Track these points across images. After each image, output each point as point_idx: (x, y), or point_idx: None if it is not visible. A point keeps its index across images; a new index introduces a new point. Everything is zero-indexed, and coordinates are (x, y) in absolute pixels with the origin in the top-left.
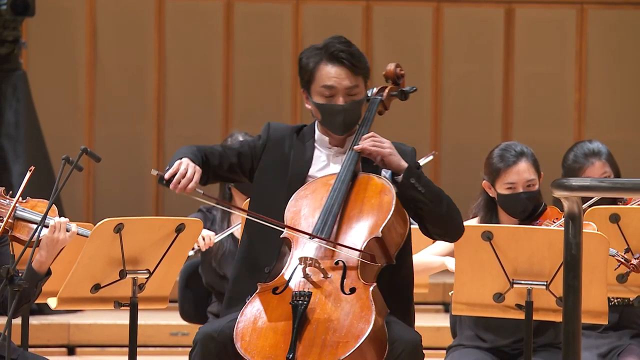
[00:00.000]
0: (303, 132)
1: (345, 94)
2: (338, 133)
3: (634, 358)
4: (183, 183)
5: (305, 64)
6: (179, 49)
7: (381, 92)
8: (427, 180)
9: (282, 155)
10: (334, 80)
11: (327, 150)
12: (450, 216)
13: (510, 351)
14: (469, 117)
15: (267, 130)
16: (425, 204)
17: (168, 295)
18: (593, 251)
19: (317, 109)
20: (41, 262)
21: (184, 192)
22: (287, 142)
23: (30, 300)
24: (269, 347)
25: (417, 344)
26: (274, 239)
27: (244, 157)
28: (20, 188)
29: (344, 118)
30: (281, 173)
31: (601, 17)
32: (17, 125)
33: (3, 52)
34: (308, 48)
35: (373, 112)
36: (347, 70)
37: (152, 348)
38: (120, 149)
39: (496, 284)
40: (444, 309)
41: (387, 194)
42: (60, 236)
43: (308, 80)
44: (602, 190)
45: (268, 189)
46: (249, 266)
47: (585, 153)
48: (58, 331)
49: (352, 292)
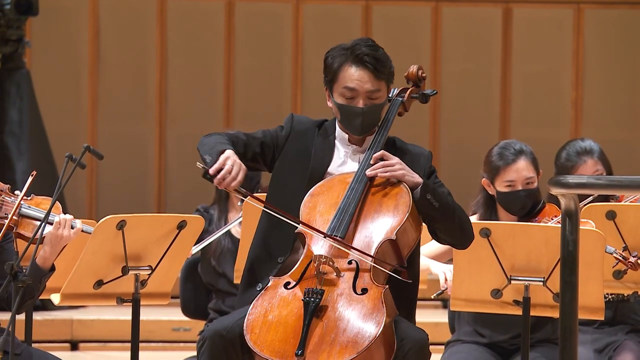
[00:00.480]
0: (325, 127)
1: (366, 97)
2: (356, 134)
3: (629, 353)
4: (228, 181)
5: (330, 64)
6: (181, 48)
7: (402, 94)
8: (440, 192)
9: (304, 147)
10: (356, 83)
11: (345, 147)
12: (461, 227)
13: (508, 346)
14: (467, 116)
15: (291, 121)
16: (438, 217)
17: (170, 291)
18: (590, 248)
19: (338, 108)
20: (45, 258)
21: (227, 189)
22: (309, 135)
23: (35, 296)
24: (279, 341)
25: (424, 343)
26: (290, 230)
27: (267, 147)
28: (25, 186)
29: (362, 120)
30: (302, 166)
31: (598, 16)
32: (21, 123)
33: (7, 51)
34: (335, 47)
35: (393, 114)
36: (370, 74)
37: (154, 343)
38: (122, 147)
39: (494, 280)
40: (443, 305)
41: (404, 196)
42: (65, 233)
43: (331, 80)
44: (598, 187)
45: (287, 180)
46: (264, 253)
47: (577, 151)
48: (61, 327)
49: (363, 292)
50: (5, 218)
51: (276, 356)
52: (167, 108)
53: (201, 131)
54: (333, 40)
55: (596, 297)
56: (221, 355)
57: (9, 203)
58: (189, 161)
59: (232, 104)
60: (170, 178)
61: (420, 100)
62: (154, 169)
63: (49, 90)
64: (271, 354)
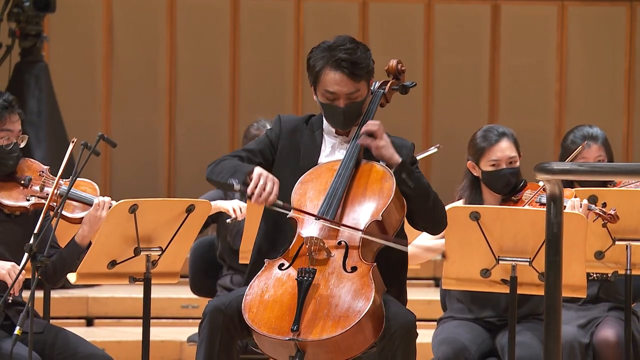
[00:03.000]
0: (312, 121)
1: (346, 97)
2: (339, 129)
3: (610, 329)
4: (264, 196)
5: (312, 66)
6: (189, 43)
7: (383, 86)
8: (418, 176)
9: (294, 143)
10: (336, 88)
11: (332, 139)
12: (434, 212)
13: (497, 322)
14: (458, 106)
15: (279, 123)
16: (413, 198)
17: (179, 270)
18: (573, 230)
19: (321, 107)
20: (83, 237)
21: (265, 204)
22: (298, 131)
23: (73, 269)
24: (275, 318)
25: (411, 324)
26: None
27: (266, 154)
28: (60, 169)
29: (343, 118)
30: (294, 160)
31: (580, 13)
32: (39, 113)
33: (26, 46)
34: (317, 48)
35: (375, 105)
36: (348, 78)
37: (164, 320)
38: (134, 135)
39: (483, 260)
40: (435, 283)
41: (388, 180)
42: (103, 214)
43: (314, 81)
44: (581, 173)
45: (282, 176)
46: (267, 246)
47: (584, 135)
48: (77, 304)
49: (353, 270)
50: (46, 198)
51: (273, 332)
52: (177, 99)
53: (208, 120)
54: (332, 36)
55: (579, 276)
56: (220, 329)
57: (51, 184)
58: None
59: (237, 95)
60: (180, 164)
61: (400, 91)
62: (164, 156)
63: (66, 82)
64: (268, 331)
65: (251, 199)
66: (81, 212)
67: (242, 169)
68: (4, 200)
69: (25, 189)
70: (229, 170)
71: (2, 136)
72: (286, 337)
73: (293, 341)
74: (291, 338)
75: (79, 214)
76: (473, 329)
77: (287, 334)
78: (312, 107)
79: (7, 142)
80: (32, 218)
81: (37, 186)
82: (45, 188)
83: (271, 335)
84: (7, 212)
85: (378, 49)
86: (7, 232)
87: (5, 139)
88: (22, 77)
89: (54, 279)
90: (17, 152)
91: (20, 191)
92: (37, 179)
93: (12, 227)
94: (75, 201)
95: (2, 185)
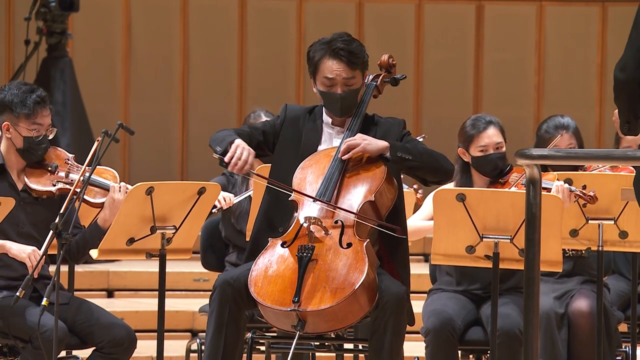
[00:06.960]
0: (314, 112)
1: (343, 84)
2: (338, 116)
3: (584, 300)
4: (239, 165)
5: (312, 57)
6: (201, 39)
7: (376, 79)
8: (411, 146)
9: (296, 131)
10: (334, 73)
11: (330, 129)
12: (438, 164)
13: (482, 294)
14: (445, 97)
15: (285, 110)
16: (417, 165)
17: (191, 247)
18: (550, 210)
19: (320, 95)
20: (105, 220)
21: (240, 172)
22: (300, 120)
23: (95, 246)
24: (278, 292)
25: (402, 295)
26: (289, 204)
27: (268, 135)
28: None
29: (340, 104)
30: (295, 146)
31: (557, 12)
32: (64, 104)
33: (52, 42)
34: (316, 42)
35: (369, 96)
36: (345, 65)
37: (178, 292)
38: (151, 124)
39: (468, 238)
40: (424, 259)
41: (379, 165)
42: (120, 197)
43: (313, 71)
44: (558, 158)
45: (284, 160)
46: (266, 226)
47: (556, 125)
48: (99, 277)
49: (348, 246)
50: (72, 184)
51: (276, 304)
52: (189, 90)
53: (218, 110)
54: (330, 33)
55: (555, 252)
56: (229, 301)
57: (76, 171)
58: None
59: (244, 87)
60: (192, 150)
61: (391, 83)
62: (178, 143)
63: (88, 75)
64: (272, 303)
65: (228, 166)
66: (102, 197)
67: (228, 139)
68: (33, 185)
69: (52, 175)
70: (219, 139)
71: (33, 129)
72: (288, 308)
73: (295, 312)
74: (293, 309)
75: (100, 199)
76: (459, 300)
77: (289, 305)
78: (313, 98)
79: (37, 135)
80: (57, 201)
81: (63, 172)
82: (70, 174)
83: (275, 307)
84: (35, 195)
85: (373, 44)
86: (35, 214)
87: (36, 131)
88: (48, 71)
89: (76, 256)
90: (45, 144)
91: (47, 177)
92: (63, 166)
93: (39, 209)
94: (96, 187)
95: (31, 172)
